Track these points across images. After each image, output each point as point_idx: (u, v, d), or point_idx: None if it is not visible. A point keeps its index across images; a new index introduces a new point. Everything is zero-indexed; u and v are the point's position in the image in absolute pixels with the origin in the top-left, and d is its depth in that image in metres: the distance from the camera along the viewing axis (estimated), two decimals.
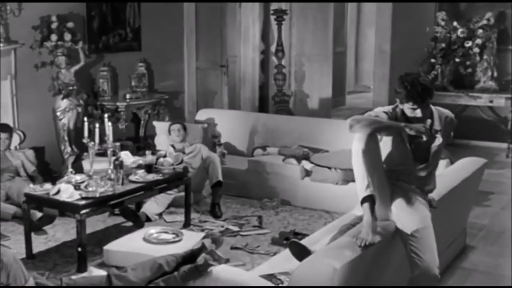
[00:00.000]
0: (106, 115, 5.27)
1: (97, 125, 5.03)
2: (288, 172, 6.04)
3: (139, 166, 5.27)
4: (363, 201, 3.31)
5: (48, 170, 6.64)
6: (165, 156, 5.47)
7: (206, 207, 5.87)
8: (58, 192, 4.54)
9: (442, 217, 4.03)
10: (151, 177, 5.06)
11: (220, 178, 5.82)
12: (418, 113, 3.40)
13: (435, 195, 3.83)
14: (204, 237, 4.21)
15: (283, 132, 6.65)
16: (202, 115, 7.22)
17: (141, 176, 5.04)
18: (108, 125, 5.00)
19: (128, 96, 7.20)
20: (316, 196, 5.87)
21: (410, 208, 3.44)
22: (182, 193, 5.89)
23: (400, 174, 3.54)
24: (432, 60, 8.25)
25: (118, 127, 7.08)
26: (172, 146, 6.38)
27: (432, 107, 3.57)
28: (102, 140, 7.24)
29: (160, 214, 5.69)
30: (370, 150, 3.33)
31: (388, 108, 3.55)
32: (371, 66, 10.57)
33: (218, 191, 5.84)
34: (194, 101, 8.66)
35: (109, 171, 4.92)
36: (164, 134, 6.58)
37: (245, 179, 6.30)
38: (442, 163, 5.17)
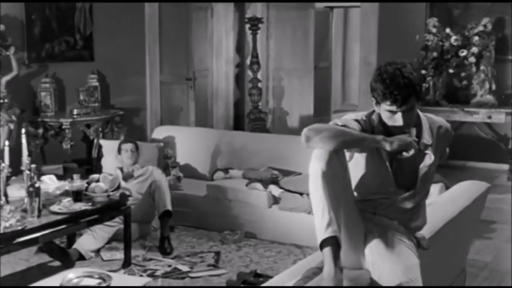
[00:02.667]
0: (23, 131, 4.32)
1: (6, 143, 4.08)
2: (253, 199, 5.11)
3: (66, 193, 4.32)
4: (323, 244, 2.38)
5: None
6: (98, 180, 4.52)
7: (156, 242, 4.92)
8: None
9: (435, 258, 3.11)
10: (78, 206, 4.11)
11: (169, 207, 4.88)
12: (399, 119, 2.50)
13: (426, 231, 2.91)
14: None
15: (251, 152, 5.71)
16: (160, 133, 6.29)
17: (65, 205, 4.09)
18: (23, 142, 4.07)
19: (75, 111, 6.27)
20: (285, 228, 4.93)
21: (390, 253, 2.50)
22: None
23: (377, 205, 2.62)
24: (423, 72, 7.35)
25: (63, 147, 6.15)
26: (121, 168, 5.46)
27: (421, 114, 2.66)
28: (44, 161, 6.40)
29: (98, 250, 4.74)
30: (334, 172, 2.41)
31: (361, 115, 2.63)
32: (365, 82, 9.71)
33: (167, 223, 4.89)
34: (157, 119, 7.73)
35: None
36: (113, 155, 5.65)
37: (203, 207, 5.36)
38: (435, 188, 4.27)
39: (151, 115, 7.65)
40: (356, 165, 2.59)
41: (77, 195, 4.22)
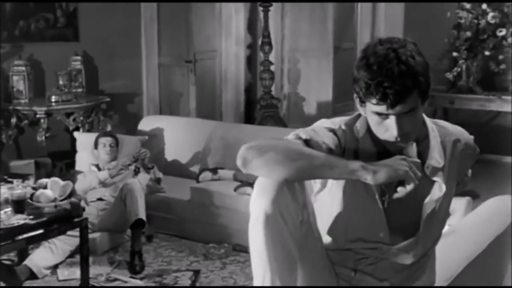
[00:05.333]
0: None
1: None
2: (242, 206, 4.23)
3: (7, 202, 3.56)
4: None
5: None
6: (46, 187, 3.74)
7: (127, 256, 4.15)
8: None
9: None
10: (16, 220, 3.35)
11: (141, 215, 4.10)
12: (391, 127, 1.66)
13: (441, 279, 2.09)
14: None
15: None
16: (147, 123, 5.54)
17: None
18: None
19: (53, 98, 5.50)
20: None
21: None
22: (95, 234, 4.26)
23: (360, 259, 1.80)
24: (455, 54, 6.48)
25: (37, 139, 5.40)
26: (96, 166, 4.73)
27: (429, 120, 1.81)
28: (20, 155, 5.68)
29: (56, 266, 4.00)
30: (285, 215, 1.60)
31: (339, 122, 1.80)
32: None
33: (138, 235, 4.12)
34: (156, 106, 6.95)
35: None
36: (87, 150, 4.90)
37: (187, 213, 4.58)
38: (460, 204, 3.39)
39: (148, 101, 6.87)
40: (331, 197, 1.76)
41: (19, 205, 3.46)
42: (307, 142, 1.70)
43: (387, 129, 1.68)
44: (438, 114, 6.67)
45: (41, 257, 3.93)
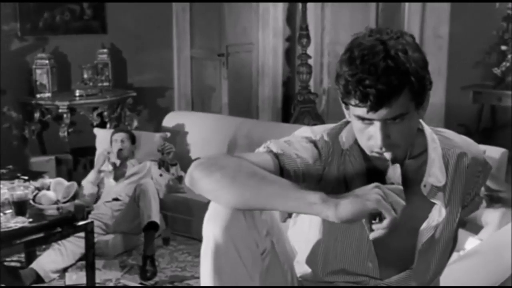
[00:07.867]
0: None
1: None
2: None
3: (8, 203, 3.38)
4: None
5: None
6: (49, 188, 3.55)
7: (141, 260, 3.94)
8: None
9: None
10: (14, 223, 3.17)
11: (154, 217, 3.89)
12: (375, 134, 1.37)
13: None
14: None
15: None
16: (172, 119, 5.30)
17: None
18: None
19: (77, 93, 5.35)
20: None
21: None
22: (109, 236, 4.08)
23: None
24: (503, 48, 6.05)
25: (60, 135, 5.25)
26: (113, 164, 4.54)
27: (428, 129, 1.51)
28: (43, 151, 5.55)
29: (66, 269, 3.82)
30: (242, 245, 1.33)
31: (323, 131, 1.51)
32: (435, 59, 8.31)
33: (151, 238, 3.91)
34: (188, 100, 6.75)
35: None
36: (106, 147, 4.72)
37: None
38: (494, 216, 3.03)
39: (180, 96, 6.67)
40: (309, 219, 1.48)
41: (20, 207, 3.28)
42: (278, 157, 1.43)
43: (371, 137, 1.40)
44: (484, 112, 6.28)
45: (49, 260, 3.76)
